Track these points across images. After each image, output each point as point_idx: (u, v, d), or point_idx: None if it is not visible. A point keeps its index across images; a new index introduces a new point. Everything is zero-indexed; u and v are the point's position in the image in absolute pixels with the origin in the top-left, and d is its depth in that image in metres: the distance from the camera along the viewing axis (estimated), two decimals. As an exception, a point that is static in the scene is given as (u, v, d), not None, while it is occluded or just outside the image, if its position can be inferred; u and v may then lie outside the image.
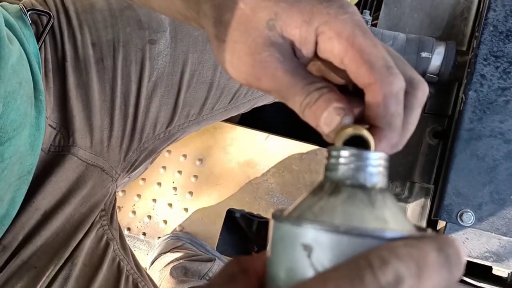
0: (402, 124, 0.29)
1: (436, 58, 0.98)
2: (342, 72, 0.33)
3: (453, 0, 1.08)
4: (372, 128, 0.29)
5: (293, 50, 0.32)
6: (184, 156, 1.12)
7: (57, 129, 0.64)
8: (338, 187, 0.26)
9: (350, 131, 0.27)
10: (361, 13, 1.04)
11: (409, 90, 0.30)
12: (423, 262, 0.20)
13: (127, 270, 0.63)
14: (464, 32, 1.07)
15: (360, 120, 0.30)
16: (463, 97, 0.91)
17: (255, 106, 0.83)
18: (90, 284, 0.59)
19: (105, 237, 0.64)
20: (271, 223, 0.25)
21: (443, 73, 0.99)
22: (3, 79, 0.47)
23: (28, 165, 0.57)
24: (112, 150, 0.68)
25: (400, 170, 1.01)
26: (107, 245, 0.64)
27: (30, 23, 0.63)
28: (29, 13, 0.63)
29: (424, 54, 0.98)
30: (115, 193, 0.70)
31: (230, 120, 1.15)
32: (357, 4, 1.15)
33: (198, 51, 0.70)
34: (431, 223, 0.92)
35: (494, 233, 0.86)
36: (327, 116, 0.28)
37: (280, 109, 1.35)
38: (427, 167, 1.02)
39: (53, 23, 0.65)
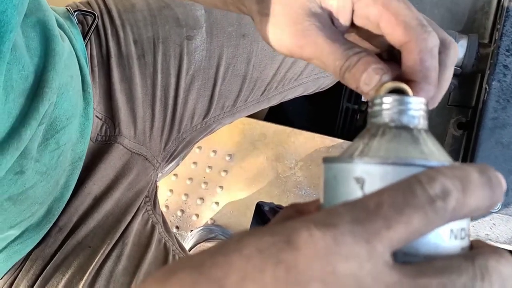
0: (437, 80, 0.32)
1: (459, 51, 1.01)
2: (377, 40, 0.36)
3: (473, -5, 1.10)
4: (409, 83, 0.31)
5: (331, 19, 0.35)
6: (214, 152, 1.16)
7: (103, 120, 0.68)
8: (383, 130, 0.28)
9: (389, 85, 0.30)
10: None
11: (442, 50, 0.33)
12: (467, 180, 0.22)
13: (173, 250, 0.67)
14: (486, 26, 1.09)
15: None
16: (487, 88, 0.94)
17: (284, 100, 0.86)
18: (141, 261, 0.63)
19: (150, 220, 0.68)
20: (323, 167, 0.28)
21: (466, 65, 1.01)
22: (58, 72, 0.51)
23: (79, 151, 0.61)
24: (154, 140, 0.72)
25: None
26: (152, 227, 0.68)
27: (76, 23, 0.67)
28: (75, 13, 0.68)
29: (447, 47, 1.01)
30: (156, 181, 0.75)
31: (258, 117, 1.19)
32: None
33: (232, 45, 0.74)
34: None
35: (521, 219, 0.88)
36: (367, 77, 0.31)
37: (304, 106, 1.39)
38: (452, 157, 1.04)
39: (97, 22, 0.69)
